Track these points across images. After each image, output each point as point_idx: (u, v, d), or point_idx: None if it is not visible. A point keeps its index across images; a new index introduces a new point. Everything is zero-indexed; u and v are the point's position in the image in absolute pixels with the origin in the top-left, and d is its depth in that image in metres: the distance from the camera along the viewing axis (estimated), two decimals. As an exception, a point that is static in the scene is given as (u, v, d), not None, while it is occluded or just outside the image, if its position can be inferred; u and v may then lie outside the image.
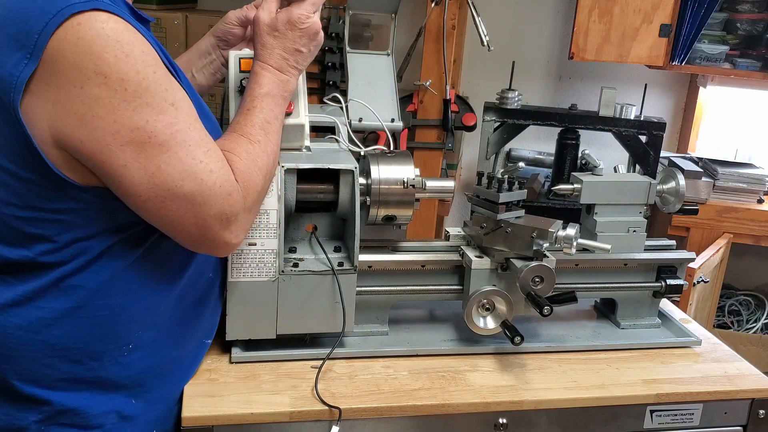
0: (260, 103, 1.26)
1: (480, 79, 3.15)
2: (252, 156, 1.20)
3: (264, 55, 1.29)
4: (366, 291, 1.50)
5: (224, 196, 1.13)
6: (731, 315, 3.31)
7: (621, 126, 2.50)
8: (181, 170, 1.09)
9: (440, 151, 2.61)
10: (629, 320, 1.68)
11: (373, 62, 1.92)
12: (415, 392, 1.38)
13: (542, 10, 3.22)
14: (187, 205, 1.11)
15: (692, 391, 1.45)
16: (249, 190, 1.18)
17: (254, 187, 1.20)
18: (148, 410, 1.25)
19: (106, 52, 1.01)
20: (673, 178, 1.64)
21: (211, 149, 1.13)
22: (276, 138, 1.28)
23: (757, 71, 2.93)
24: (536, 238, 1.45)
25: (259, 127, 1.24)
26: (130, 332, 1.21)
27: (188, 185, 1.09)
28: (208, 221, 1.13)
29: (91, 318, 1.16)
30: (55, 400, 1.17)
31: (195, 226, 1.13)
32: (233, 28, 1.50)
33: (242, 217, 1.18)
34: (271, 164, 1.26)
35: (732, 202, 2.94)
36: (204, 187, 1.11)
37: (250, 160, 1.19)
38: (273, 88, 1.28)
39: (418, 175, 1.49)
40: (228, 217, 1.15)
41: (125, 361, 1.21)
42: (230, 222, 1.16)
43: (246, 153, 1.20)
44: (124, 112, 1.03)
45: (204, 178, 1.10)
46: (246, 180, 1.18)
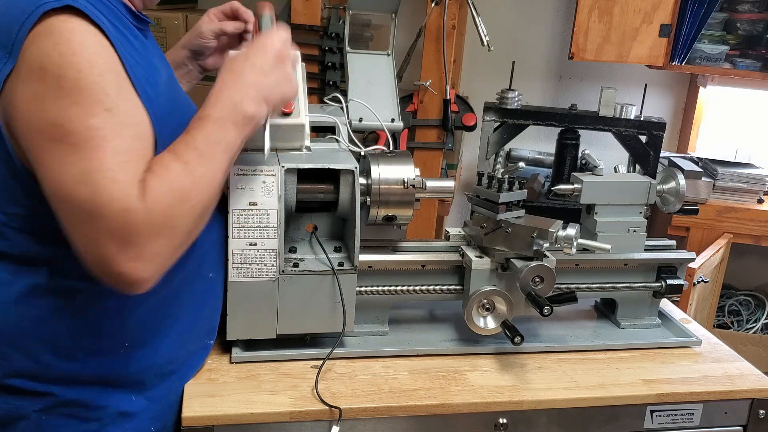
0: (203, 123, 1.14)
1: (480, 79, 3.15)
2: (171, 176, 1.07)
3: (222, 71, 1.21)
4: (366, 291, 1.50)
5: (120, 211, 1.02)
6: (731, 315, 3.31)
7: (621, 126, 2.50)
8: (82, 173, 1.01)
9: (440, 151, 2.62)
10: (629, 320, 1.68)
11: (373, 62, 1.92)
12: (415, 392, 1.38)
13: (542, 10, 3.22)
14: (81, 213, 1.02)
15: (692, 391, 1.45)
16: (157, 212, 1.05)
17: (166, 209, 1.06)
18: (149, 407, 1.26)
19: (54, 50, 1.02)
20: (673, 178, 1.64)
21: (130, 161, 1.05)
22: (214, 165, 1.13)
23: (757, 71, 2.93)
24: (536, 238, 1.45)
25: (193, 147, 1.11)
26: (126, 332, 1.21)
27: (83, 190, 1.01)
28: (102, 238, 1.02)
29: (84, 317, 1.17)
30: (57, 392, 1.18)
31: (89, 241, 1.03)
32: (209, 41, 1.52)
33: (145, 243, 1.04)
34: (198, 191, 1.10)
35: (732, 202, 2.94)
36: (99, 196, 1.01)
37: (167, 179, 1.07)
38: (220, 111, 1.15)
39: (418, 175, 1.49)
40: (124, 237, 1.02)
41: (123, 360, 1.21)
42: (127, 244, 1.02)
43: (165, 171, 1.07)
44: (51, 108, 1.02)
45: (102, 185, 1.01)
46: (155, 201, 1.04)
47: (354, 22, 2.16)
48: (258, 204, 1.35)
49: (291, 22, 2.53)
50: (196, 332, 1.34)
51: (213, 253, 1.33)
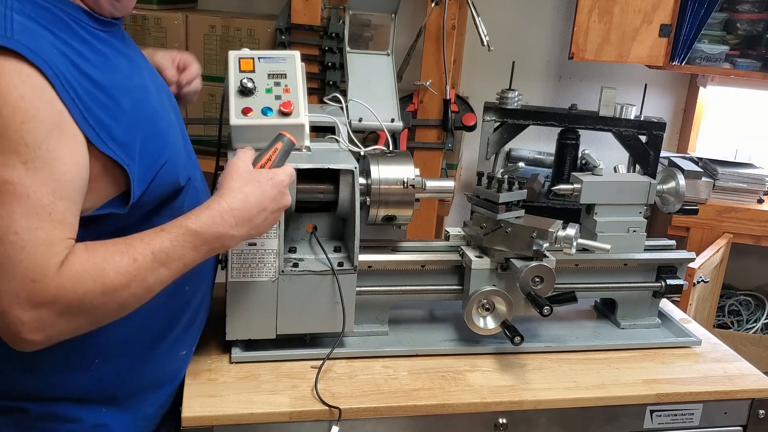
0: (181, 234, 1.09)
1: (480, 79, 3.15)
2: (105, 265, 1.03)
3: (230, 197, 1.15)
4: (366, 291, 1.50)
5: (26, 279, 0.98)
6: (731, 315, 3.31)
7: (621, 126, 2.50)
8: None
9: (440, 151, 2.62)
10: (629, 320, 1.68)
11: (373, 62, 1.92)
12: (415, 392, 1.38)
13: (542, 10, 3.22)
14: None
15: (692, 391, 1.45)
16: (69, 293, 1.00)
17: (80, 293, 1.01)
18: (125, 421, 1.24)
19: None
20: (673, 178, 1.64)
21: (42, 229, 0.99)
22: (164, 276, 1.09)
23: (757, 71, 2.93)
24: (536, 238, 1.45)
25: (152, 251, 1.06)
26: (96, 349, 1.16)
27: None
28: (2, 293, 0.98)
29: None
30: (29, 408, 1.15)
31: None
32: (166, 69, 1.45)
33: (46, 314, 0.99)
34: (129, 292, 1.05)
35: (732, 202, 2.94)
36: (4, 257, 0.97)
37: (99, 267, 1.02)
38: (207, 233, 1.11)
39: (418, 175, 1.49)
40: (23, 302, 0.98)
41: (94, 376, 1.18)
42: (25, 310, 0.98)
43: (103, 258, 1.03)
44: None
45: (8, 249, 0.97)
46: (73, 280, 1.00)
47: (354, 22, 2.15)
48: (258, 204, 1.34)
49: (291, 22, 2.53)
50: (170, 345, 1.29)
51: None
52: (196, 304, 1.33)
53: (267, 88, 1.41)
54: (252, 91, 1.39)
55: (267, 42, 2.67)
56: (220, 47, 2.72)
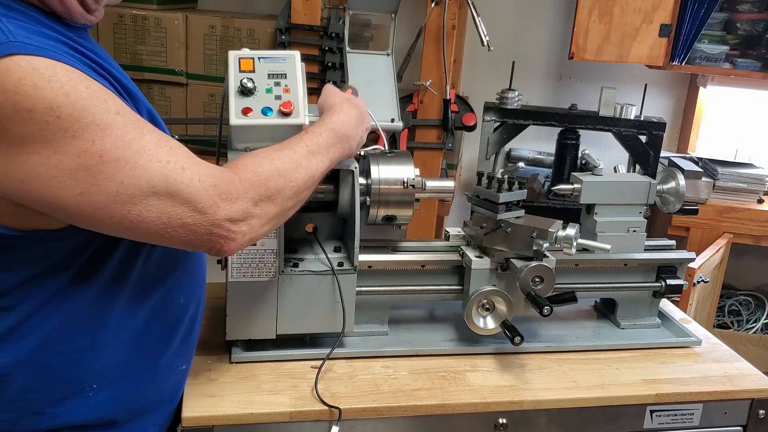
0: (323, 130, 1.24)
1: (480, 79, 3.15)
2: (272, 156, 1.13)
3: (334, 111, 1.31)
4: (366, 291, 1.50)
5: (208, 186, 1.02)
6: (731, 315, 3.31)
7: (621, 126, 2.50)
8: (149, 177, 0.98)
9: (440, 151, 2.62)
10: (629, 320, 1.68)
11: (373, 62, 1.92)
12: (415, 392, 1.38)
13: (542, 10, 3.22)
14: (169, 207, 1.00)
15: (692, 391, 1.45)
16: (255, 180, 1.07)
17: (263, 179, 1.09)
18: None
19: (22, 84, 0.90)
20: (673, 178, 1.64)
21: (174, 146, 1.02)
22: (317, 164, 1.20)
23: (757, 71, 2.93)
24: (536, 238, 1.45)
25: (305, 144, 1.19)
26: (92, 374, 1.12)
27: (162, 189, 0.99)
28: (201, 214, 1.02)
29: (46, 366, 1.09)
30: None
31: (186, 225, 1.01)
32: None
33: (246, 206, 1.06)
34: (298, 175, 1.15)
35: (732, 202, 2.94)
36: (181, 186, 1.00)
37: (266, 158, 1.12)
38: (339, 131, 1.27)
39: (418, 175, 1.49)
40: (221, 202, 1.03)
41: (91, 403, 1.13)
42: (226, 207, 1.03)
43: (265, 153, 1.13)
44: (61, 140, 0.93)
45: (177, 177, 1.00)
46: (251, 170, 1.08)
47: (354, 22, 2.15)
48: (258, 204, 1.34)
49: (291, 22, 2.53)
50: (169, 361, 1.25)
51: (184, 276, 1.25)
52: (191, 316, 1.29)
53: (267, 88, 1.41)
54: (252, 91, 1.39)
55: (267, 42, 2.67)
56: (220, 47, 2.72)
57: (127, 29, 2.74)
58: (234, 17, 2.73)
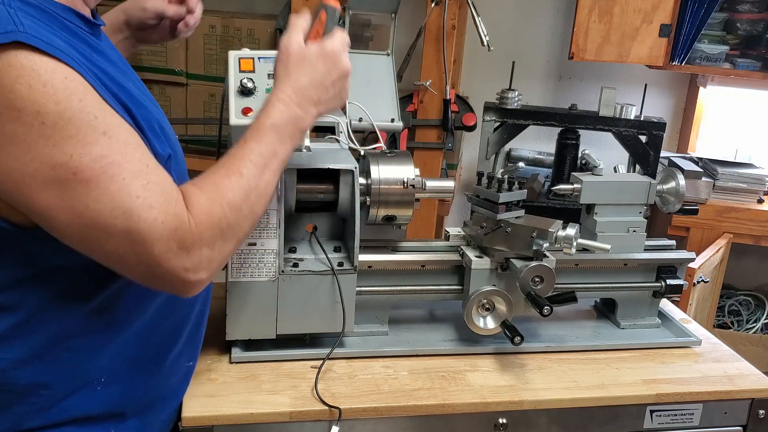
0: (263, 135, 1.12)
1: (480, 79, 3.15)
2: (221, 191, 1.06)
3: (284, 84, 1.17)
4: (366, 291, 1.50)
5: (170, 232, 1.00)
6: (731, 315, 3.31)
7: (621, 126, 2.50)
8: (113, 208, 0.96)
9: (440, 151, 2.62)
10: (629, 320, 1.68)
11: (373, 62, 1.92)
12: (415, 392, 1.38)
13: (542, 10, 3.22)
14: (125, 243, 0.98)
15: (692, 391, 1.45)
16: (210, 225, 1.04)
17: (218, 222, 1.05)
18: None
19: (18, 83, 0.90)
20: (673, 178, 1.64)
21: (152, 182, 1.00)
22: (268, 177, 1.12)
23: (757, 71, 2.93)
24: (536, 238, 1.45)
25: (249, 159, 1.09)
26: (98, 367, 1.14)
27: (122, 224, 0.97)
28: (154, 258, 1.00)
29: (54, 362, 1.10)
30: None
31: (140, 263, 1.01)
32: (150, 19, 1.44)
33: (201, 253, 1.04)
34: (251, 201, 1.10)
35: (732, 202, 2.94)
36: (142, 225, 0.98)
37: (218, 195, 1.06)
38: (282, 122, 1.14)
39: (418, 175, 1.49)
40: (178, 253, 1.01)
41: (100, 396, 1.15)
42: (182, 258, 1.02)
43: (214, 187, 1.06)
44: (42, 148, 0.92)
45: (142, 214, 0.97)
46: (206, 214, 1.04)
47: (354, 22, 2.15)
48: (258, 204, 1.34)
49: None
50: (175, 357, 1.27)
51: None
52: (198, 312, 1.31)
53: (267, 88, 1.41)
54: (252, 91, 1.39)
55: (267, 42, 2.67)
56: (220, 47, 2.72)
57: (127, 29, 2.73)
58: (234, 17, 2.73)
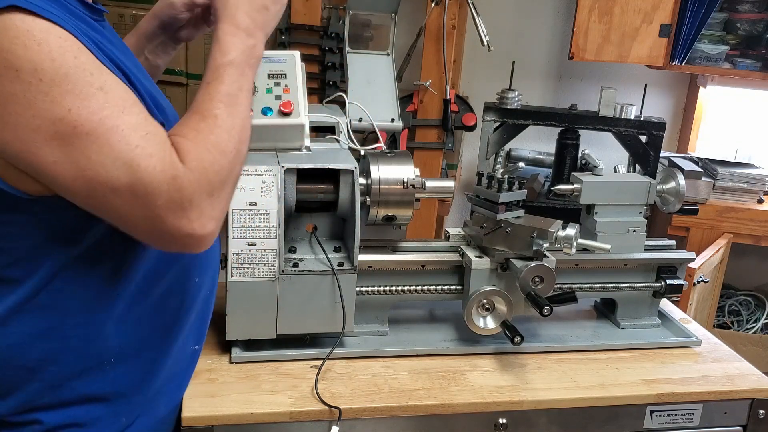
0: (223, 73, 1.11)
1: (480, 79, 3.15)
2: (203, 134, 1.06)
3: (228, 15, 1.15)
4: (366, 291, 1.50)
5: (169, 181, 1.00)
6: (731, 315, 3.31)
7: (621, 126, 2.50)
8: (114, 158, 0.97)
9: (440, 151, 2.61)
10: (629, 320, 1.68)
11: (373, 62, 1.92)
12: (415, 392, 1.38)
13: (542, 10, 3.22)
14: (128, 196, 0.99)
15: (692, 391, 1.46)
16: (203, 171, 1.03)
17: (210, 166, 1.04)
18: (140, 421, 1.23)
19: (14, 44, 0.93)
20: (673, 178, 1.64)
21: (151, 132, 1.01)
22: (242, 112, 1.12)
23: (757, 71, 2.93)
24: (536, 238, 1.45)
25: (218, 100, 1.09)
26: (108, 347, 1.16)
27: (124, 174, 0.98)
28: (158, 211, 1.00)
29: (64, 339, 1.12)
30: (44, 419, 1.14)
31: (146, 218, 1.01)
32: (181, 13, 1.42)
33: (202, 202, 1.03)
34: (234, 140, 1.09)
35: (732, 202, 2.94)
36: (143, 175, 0.98)
37: (201, 139, 1.06)
38: (238, 56, 1.13)
39: (418, 175, 1.49)
40: (180, 203, 1.01)
41: (109, 377, 1.17)
42: (186, 209, 1.02)
43: (195, 132, 1.06)
44: (41, 104, 0.95)
45: (141, 163, 0.98)
46: (197, 160, 1.03)
47: (354, 22, 2.15)
48: (258, 204, 1.35)
49: (291, 22, 2.53)
50: (183, 340, 1.29)
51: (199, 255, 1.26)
52: (205, 297, 1.33)
53: (267, 88, 1.42)
54: (252, 91, 1.39)
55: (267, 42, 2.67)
56: (220, 47, 2.71)
57: (128, 29, 2.71)
58: (234, 17, 2.73)
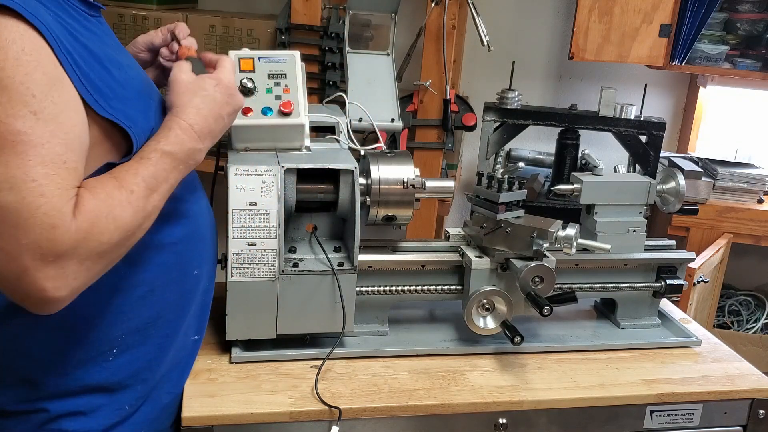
0: (158, 158, 1.10)
1: (480, 79, 3.15)
2: (111, 201, 1.03)
3: (186, 113, 1.16)
4: (366, 291, 1.50)
5: (46, 227, 0.95)
6: (731, 315, 3.31)
7: (621, 126, 2.50)
8: (5, 179, 0.94)
9: (440, 151, 2.61)
10: (629, 320, 1.68)
11: (373, 62, 1.92)
12: (415, 392, 1.38)
13: (542, 10, 3.22)
14: (3, 220, 0.95)
15: (692, 391, 1.46)
16: (88, 234, 0.99)
17: (98, 235, 1.00)
18: (142, 410, 1.25)
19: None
20: (673, 178, 1.64)
21: (58, 174, 0.97)
22: (156, 200, 1.10)
23: (757, 71, 2.93)
24: (536, 238, 1.45)
25: (142, 179, 1.07)
26: (110, 337, 1.18)
27: (7, 197, 0.94)
28: (20, 249, 0.95)
29: (65, 329, 1.14)
30: (48, 408, 1.16)
31: (7, 252, 0.95)
32: (140, 52, 1.42)
33: (68, 264, 0.98)
34: (136, 222, 1.06)
35: (732, 202, 2.94)
36: (23, 206, 0.94)
37: (107, 204, 1.02)
38: (180, 152, 1.13)
39: (418, 175, 1.49)
40: (45, 253, 0.95)
41: (111, 366, 1.19)
42: (48, 262, 0.96)
43: (105, 195, 1.03)
44: None
45: (27, 197, 0.95)
46: (90, 222, 0.99)
47: (354, 22, 2.15)
48: (258, 204, 1.35)
49: (291, 22, 2.53)
50: (183, 330, 1.31)
51: (198, 248, 1.30)
52: (204, 288, 1.35)
53: (267, 88, 1.42)
54: (252, 91, 1.40)
55: (267, 42, 2.67)
56: (220, 47, 2.72)
57: (128, 29, 2.73)
58: (234, 17, 2.73)
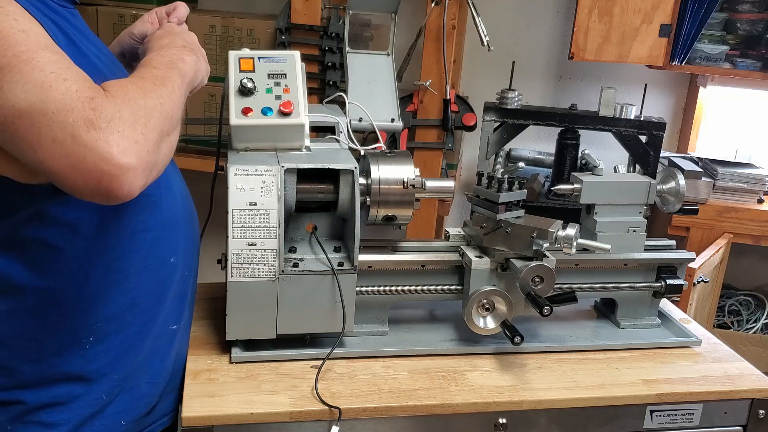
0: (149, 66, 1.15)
1: (480, 79, 3.15)
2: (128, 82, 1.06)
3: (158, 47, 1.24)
4: (366, 291, 1.50)
5: (83, 99, 0.96)
6: (731, 315, 3.31)
7: (621, 126, 2.50)
8: (25, 83, 0.94)
9: (440, 151, 2.62)
10: (629, 320, 1.68)
11: (373, 62, 1.92)
12: (415, 392, 1.38)
13: (542, 10, 3.22)
14: (38, 116, 0.94)
15: (692, 391, 1.45)
16: (126, 99, 1.00)
17: (134, 99, 1.02)
18: (119, 399, 1.25)
19: None
20: (673, 178, 1.64)
21: (70, 67, 0.99)
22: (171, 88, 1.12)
23: (757, 71, 2.93)
24: (536, 238, 1.45)
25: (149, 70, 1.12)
26: (86, 325, 1.19)
27: (34, 95, 0.94)
28: (70, 129, 0.94)
29: (40, 316, 1.15)
30: (25, 399, 1.17)
31: (58, 142, 0.94)
32: (136, 44, 1.43)
33: (123, 126, 0.97)
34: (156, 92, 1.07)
35: (732, 202, 2.94)
36: (54, 93, 0.95)
37: (127, 82, 1.06)
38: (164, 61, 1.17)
39: (418, 175, 1.49)
40: (95, 121, 0.95)
41: (89, 355, 1.20)
42: (102, 128, 0.95)
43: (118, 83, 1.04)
44: None
45: (53, 84, 0.95)
46: (122, 91, 1.01)
47: (354, 22, 2.15)
48: (258, 204, 1.35)
49: (291, 22, 2.53)
50: (161, 319, 1.31)
51: (172, 235, 1.30)
52: (182, 277, 1.34)
53: (267, 88, 1.42)
54: (252, 91, 1.39)
55: (267, 42, 2.67)
56: (220, 47, 2.72)
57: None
58: (234, 17, 2.73)
